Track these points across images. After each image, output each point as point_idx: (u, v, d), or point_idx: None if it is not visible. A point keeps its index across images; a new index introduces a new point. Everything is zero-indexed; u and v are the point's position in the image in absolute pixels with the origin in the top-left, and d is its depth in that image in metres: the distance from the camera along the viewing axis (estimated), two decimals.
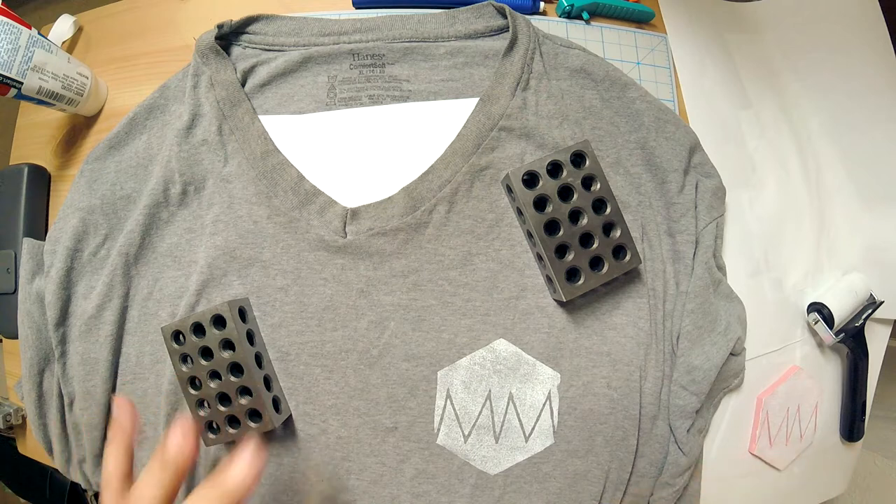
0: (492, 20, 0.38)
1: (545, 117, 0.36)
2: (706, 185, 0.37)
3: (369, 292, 0.34)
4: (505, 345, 0.34)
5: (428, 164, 0.35)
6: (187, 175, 0.35)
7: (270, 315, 0.34)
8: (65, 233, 0.35)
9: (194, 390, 0.32)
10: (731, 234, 0.40)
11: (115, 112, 0.43)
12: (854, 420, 0.43)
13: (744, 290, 0.38)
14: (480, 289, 0.34)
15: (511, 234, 0.35)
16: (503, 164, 0.35)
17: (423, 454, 0.33)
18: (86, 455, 0.35)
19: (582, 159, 0.33)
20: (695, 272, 0.36)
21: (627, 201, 0.36)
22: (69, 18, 0.44)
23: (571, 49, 0.38)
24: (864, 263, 0.44)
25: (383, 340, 0.34)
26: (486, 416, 0.34)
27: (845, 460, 0.44)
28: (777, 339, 0.41)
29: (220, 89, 0.36)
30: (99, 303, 0.34)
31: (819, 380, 0.42)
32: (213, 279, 0.34)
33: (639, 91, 0.38)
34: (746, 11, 0.46)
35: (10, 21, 0.35)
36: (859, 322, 0.41)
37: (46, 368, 0.35)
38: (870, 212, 0.44)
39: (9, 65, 0.35)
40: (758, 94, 0.44)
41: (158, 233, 0.35)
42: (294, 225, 0.34)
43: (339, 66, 0.37)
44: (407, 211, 0.34)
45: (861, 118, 0.45)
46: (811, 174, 0.44)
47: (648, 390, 0.34)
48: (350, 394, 0.33)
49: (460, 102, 0.37)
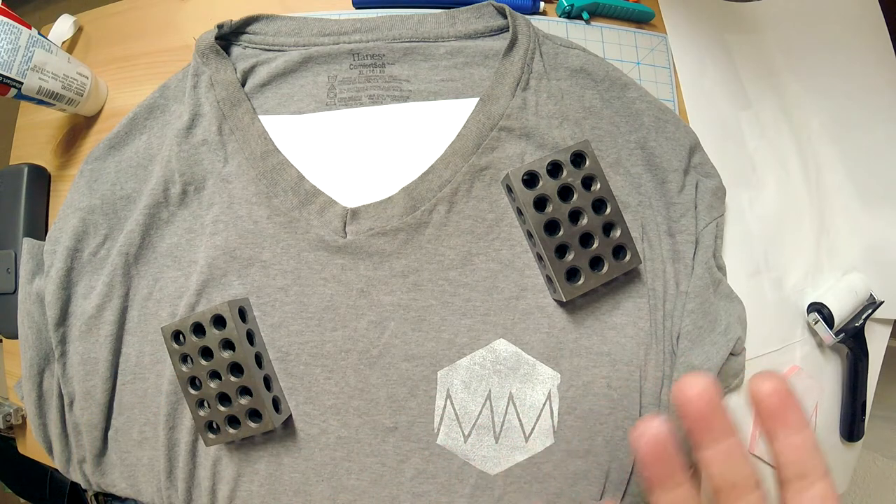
0: (492, 20, 0.38)
1: (545, 117, 0.36)
2: (706, 185, 0.37)
3: (369, 292, 0.34)
4: (505, 345, 0.34)
5: (428, 164, 0.35)
6: (187, 175, 0.35)
7: (270, 315, 0.34)
8: (65, 233, 0.35)
9: (194, 390, 0.32)
10: (731, 234, 0.40)
11: (115, 112, 0.43)
12: (854, 420, 0.43)
13: (744, 290, 0.38)
14: (480, 289, 0.34)
15: (511, 234, 0.35)
16: (503, 164, 0.35)
17: (423, 454, 0.33)
18: (86, 455, 0.35)
19: (582, 159, 0.33)
20: (695, 272, 0.36)
21: (627, 201, 0.36)
22: (69, 18, 0.44)
23: (571, 49, 0.38)
24: (864, 263, 0.44)
25: (383, 340, 0.34)
26: (486, 416, 0.34)
27: (845, 460, 0.44)
28: (777, 339, 0.41)
29: (220, 89, 0.36)
30: (99, 303, 0.34)
31: (819, 380, 0.42)
32: (213, 279, 0.34)
33: (639, 91, 0.38)
34: (746, 11, 0.46)
35: (10, 21, 0.35)
36: (859, 322, 0.41)
37: (46, 368, 0.35)
38: (870, 212, 0.44)
39: (9, 65, 0.35)
40: (758, 94, 0.44)
41: (158, 233, 0.35)
42: (294, 225, 0.34)
43: (339, 66, 0.37)
44: (407, 211, 0.34)
45: (861, 118, 0.45)
46: (811, 174, 0.44)
47: (648, 390, 0.34)
48: (350, 394, 0.33)
49: (460, 102, 0.37)
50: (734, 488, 0.20)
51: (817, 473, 0.19)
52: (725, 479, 0.20)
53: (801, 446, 0.19)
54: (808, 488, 0.19)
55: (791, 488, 0.20)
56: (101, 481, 0.35)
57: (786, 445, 0.19)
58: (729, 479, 0.20)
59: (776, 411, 0.19)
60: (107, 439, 0.35)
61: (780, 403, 0.19)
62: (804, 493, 0.19)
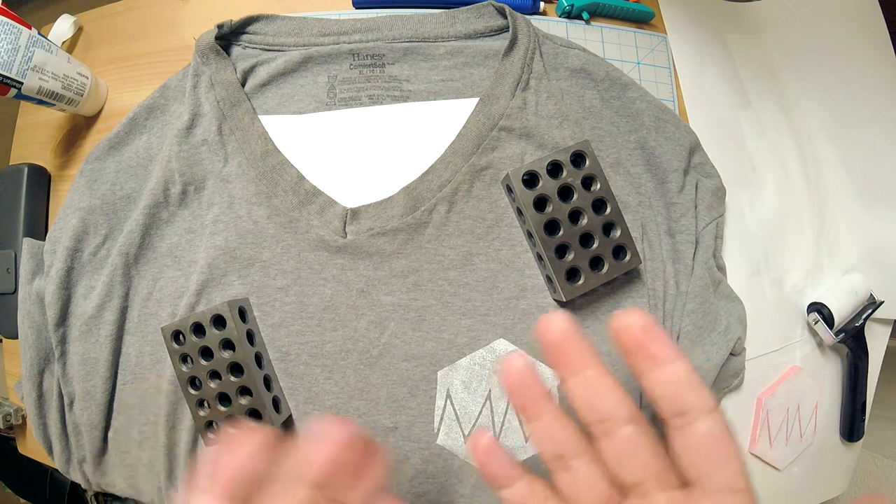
0: (492, 20, 0.38)
1: (545, 117, 0.36)
2: (706, 185, 0.37)
3: (369, 292, 0.34)
4: (505, 345, 0.34)
5: (428, 164, 0.35)
6: (187, 175, 0.35)
7: (270, 315, 0.34)
8: (65, 233, 0.35)
9: (194, 390, 0.32)
10: (731, 234, 0.40)
11: (115, 112, 0.43)
12: (854, 420, 0.43)
13: (744, 290, 0.38)
14: (480, 289, 0.34)
15: (511, 234, 0.35)
16: (503, 164, 0.35)
17: (423, 454, 0.33)
18: (86, 455, 0.35)
19: (582, 159, 0.33)
20: (695, 272, 0.36)
21: (627, 201, 0.36)
22: (69, 18, 0.44)
23: (571, 49, 0.38)
24: (864, 263, 0.44)
25: (383, 340, 0.34)
26: (486, 416, 0.34)
27: (845, 460, 0.44)
28: (777, 339, 0.41)
29: (220, 89, 0.36)
30: (99, 303, 0.34)
31: (819, 380, 0.42)
32: (213, 279, 0.34)
33: (639, 91, 0.38)
34: (746, 11, 0.46)
35: (10, 21, 0.35)
36: (859, 322, 0.41)
37: (46, 368, 0.35)
38: (870, 212, 0.44)
39: (9, 65, 0.35)
40: (758, 94, 0.44)
41: (158, 233, 0.35)
42: (294, 225, 0.34)
43: (340, 66, 0.37)
44: (407, 211, 0.34)
45: (861, 118, 0.45)
46: (811, 174, 0.44)
47: None
48: (350, 394, 0.33)
49: (460, 102, 0.37)
50: (603, 422, 0.19)
51: (698, 409, 0.18)
52: (591, 414, 0.19)
53: (670, 380, 0.18)
54: (690, 425, 0.18)
55: (671, 427, 0.18)
56: (101, 481, 0.35)
57: (653, 381, 0.18)
58: (595, 413, 0.19)
59: (638, 344, 0.18)
60: (107, 439, 0.35)
61: (641, 336, 0.18)
62: (685, 430, 0.18)
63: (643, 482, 0.18)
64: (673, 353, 0.18)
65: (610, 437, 0.19)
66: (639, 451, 0.18)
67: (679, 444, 0.18)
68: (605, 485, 0.19)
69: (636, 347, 0.19)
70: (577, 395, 0.19)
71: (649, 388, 0.18)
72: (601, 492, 0.19)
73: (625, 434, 0.19)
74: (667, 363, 0.18)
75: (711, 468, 0.18)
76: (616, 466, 0.19)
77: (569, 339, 0.20)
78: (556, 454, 0.20)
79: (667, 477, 0.18)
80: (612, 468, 0.19)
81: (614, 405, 0.19)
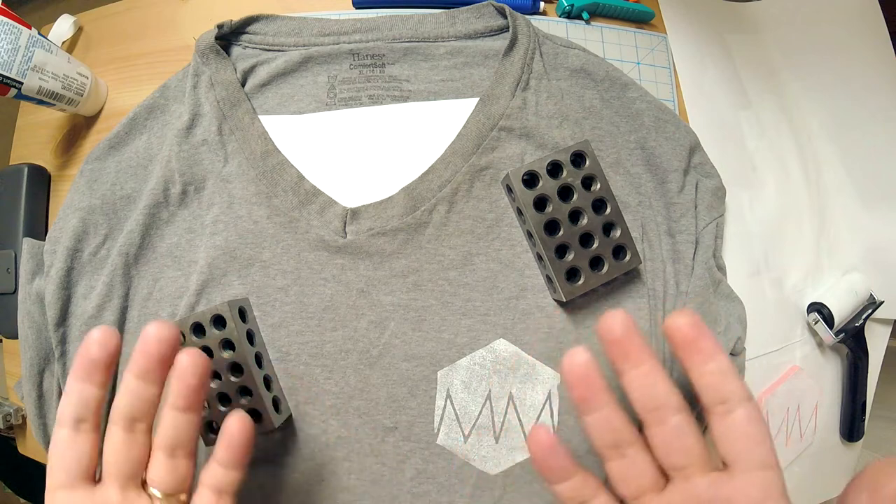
0: (492, 20, 0.38)
1: (545, 117, 0.36)
2: (706, 185, 0.37)
3: (369, 292, 0.34)
4: (505, 345, 0.34)
5: (428, 164, 0.35)
6: (187, 175, 0.35)
7: (270, 315, 0.34)
8: (65, 233, 0.35)
9: None
10: (731, 234, 0.40)
11: (115, 112, 0.43)
12: (854, 420, 0.43)
13: (744, 290, 0.38)
14: (480, 289, 0.34)
15: (511, 234, 0.35)
16: (503, 164, 0.35)
17: (423, 454, 0.33)
18: None
19: (582, 159, 0.33)
20: (695, 272, 0.36)
21: (627, 201, 0.36)
22: (69, 18, 0.44)
23: (571, 49, 0.38)
24: (864, 263, 0.44)
25: (383, 340, 0.34)
26: (486, 416, 0.34)
27: (845, 460, 0.44)
28: (777, 339, 0.41)
29: (220, 89, 0.36)
30: (99, 303, 0.34)
31: (819, 380, 0.42)
32: (213, 279, 0.34)
33: (639, 91, 0.38)
34: (746, 11, 0.46)
35: (10, 21, 0.35)
36: (859, 322, 0.41)
37: (46, 368, 0.35)
38: (870, 212, 0.44)
39: (9, 65, 0.35)
40: (758, 94, 0.44)
41: (158, 233, 0.35)
42: (294, 225, 0.34)
43: (340, 66, 0.37)
44: (407, 211, 0.34)
45: (861, 118, 0.45)
46: (811, 174, 0.44)
47: None
48: (350, 394, 0.33)
49: (460, 102, 0.37)
50: (656, 410, 0.21)
51: (737, 398, 0.21)
52: (647, 403, 0.22)
53: (715, 372, 0.21)
54: (731, 412, 0.21)
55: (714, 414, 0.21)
56: None
57: (702, 373, 0.21)
58: (650, 403, 0.22)
59: (690, 340, 0.21)
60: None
61: (693, 333, 0.21)
62: (727, 416, 0.21)
63: (687, 466, 0.21)
64: (718, 348, 0.21)
65: (662, 424, 0.21)
66: (685, 437, 0.21)
67: (720, 429, 0.21)
68: (654, 470, 0.22)
69: (688, 343, 0.21)
70: (637, 387, 0.22)
71: (696, 379, 0.21)
72: (651, 477, 0.22)
73: (674, 422, 0.21)
74: (713, 357, 0.21)
75: (748, 448, 0.20)
76: (664, 452, 0.22)
77: (630, 336, 0.22)
78: (614, 443, 0.22)
79: (707, 461, 0.21)
80: (659, 454, 0.22)
81: (666, 396, 0.21)
